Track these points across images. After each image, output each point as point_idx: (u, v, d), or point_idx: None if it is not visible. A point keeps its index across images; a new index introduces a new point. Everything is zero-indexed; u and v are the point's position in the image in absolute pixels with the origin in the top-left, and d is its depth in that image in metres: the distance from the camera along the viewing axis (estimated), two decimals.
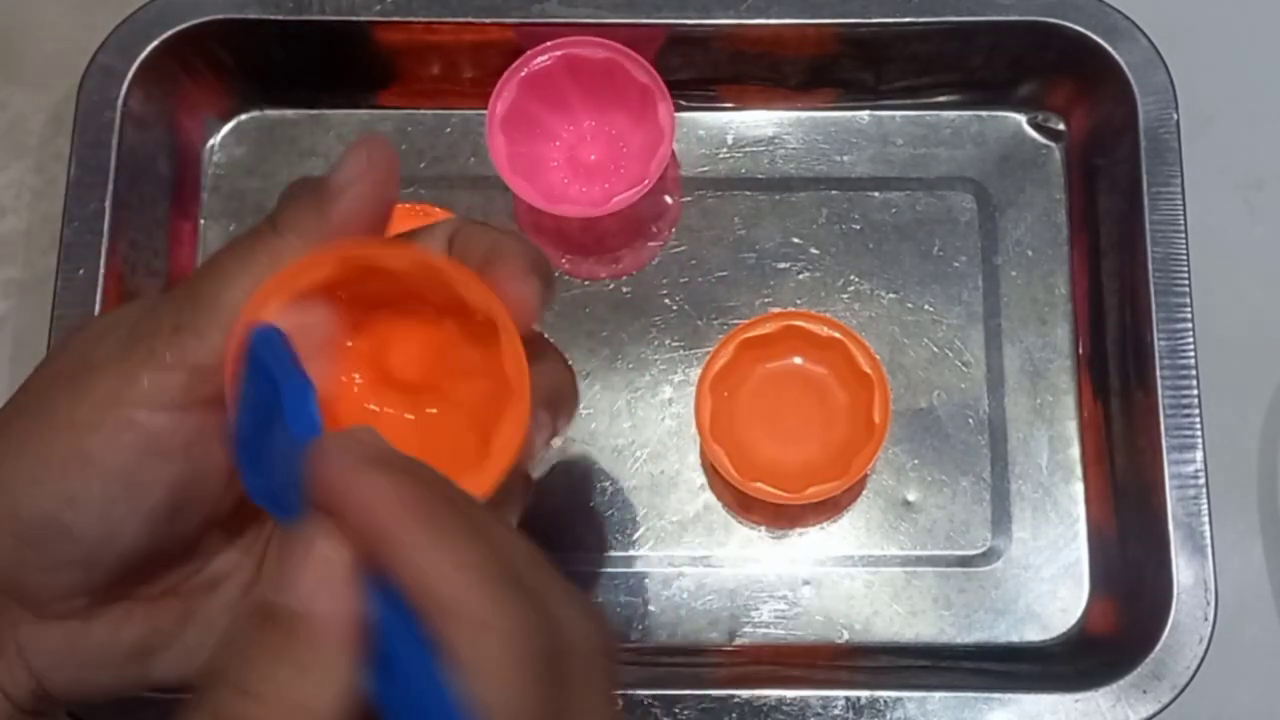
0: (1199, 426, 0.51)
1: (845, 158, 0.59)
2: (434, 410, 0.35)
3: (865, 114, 0.59)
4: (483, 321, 0.32)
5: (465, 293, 0.32)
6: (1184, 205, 0.53)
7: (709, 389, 0.53)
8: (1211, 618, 0.49)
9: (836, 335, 0.53)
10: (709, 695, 0.49)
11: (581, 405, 0.56)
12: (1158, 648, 0.49)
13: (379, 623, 0.26)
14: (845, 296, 0.57)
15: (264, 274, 0.32)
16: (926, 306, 0.57)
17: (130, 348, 0.32)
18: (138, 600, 0.34)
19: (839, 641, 0.53)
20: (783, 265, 0.58)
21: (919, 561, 0.54)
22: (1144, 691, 0.48)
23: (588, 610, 0.28)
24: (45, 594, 0.33)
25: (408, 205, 0.57)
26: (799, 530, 0.54)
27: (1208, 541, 0.50)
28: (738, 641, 0.53)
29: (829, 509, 0.54)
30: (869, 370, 0.52)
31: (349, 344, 0.34)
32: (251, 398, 0.31)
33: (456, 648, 0.25)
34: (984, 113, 0.59)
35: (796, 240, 0.58)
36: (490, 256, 0.33)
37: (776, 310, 0.56)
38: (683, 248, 0.58)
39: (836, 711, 0.49)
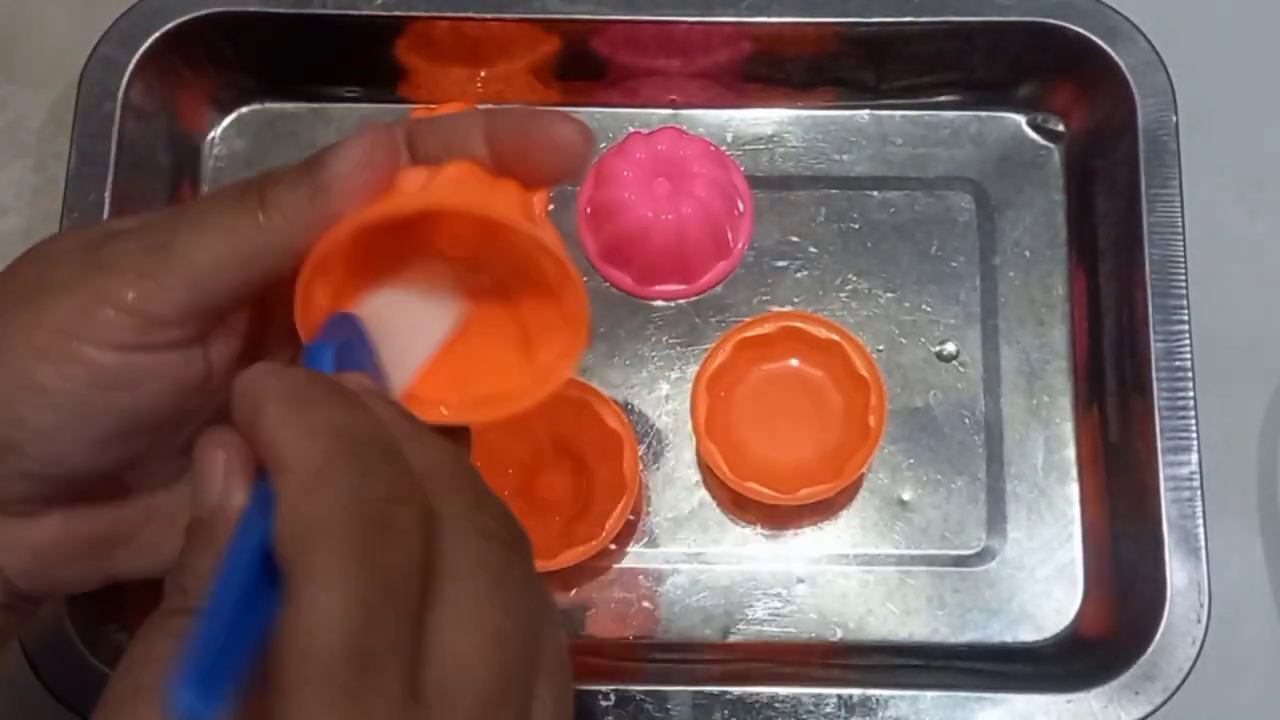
0: (1194, 429, 0.51)
1: (844, 157, 0.59)
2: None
3: (865, 113, 0.59)
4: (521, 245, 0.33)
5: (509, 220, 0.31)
6: (1182, 208, 0.53)
7: (705, 387, 0.53)
8: (1205, 620, 0.49)
9: (834, 338, 0.53)
10: (702, 691, 0.49)
11: None
12: (1150, 649, 0.49)
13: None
14: (843, 295, 0.57)
15: (243, 248, 0.32)
16: (924, 306, 0.57)
17: (90, 276, 0.32)
18: (96, 500, 0.35)
19: (832, 640, 0.54)
20: (781, 264, 0.58)
21: (913, 561, 0.54)
22: (1136, 693, 0.49)
23: (465, 486, 0.29)
24: (1, 495, 0.33)
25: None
26: (793, 528, 0.55)
27: (1202, 544, 0.50)
28: (731, 638, 0.53)
29: (823, 508, 0.54)
30: (865, 374, 0.52)
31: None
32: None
33: (280, 499, 0.26)
34: (983, 113, 0.59)
35: (795, 239, 0.58)
36: (527, 121, 0.32)
37: (775, 310, 0.56)
38: None
39: (828, 709, 0.49)
